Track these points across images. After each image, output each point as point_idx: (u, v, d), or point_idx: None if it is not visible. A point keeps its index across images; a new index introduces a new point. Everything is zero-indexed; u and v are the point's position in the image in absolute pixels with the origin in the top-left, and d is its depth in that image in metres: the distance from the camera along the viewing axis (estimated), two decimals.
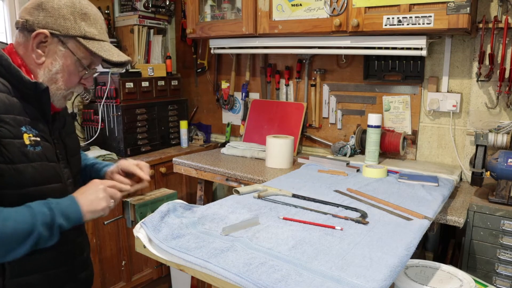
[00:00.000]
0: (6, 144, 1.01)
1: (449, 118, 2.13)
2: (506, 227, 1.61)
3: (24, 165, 1.04)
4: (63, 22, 1.08)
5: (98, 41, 1.13)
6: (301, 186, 1.69)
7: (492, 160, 1.71)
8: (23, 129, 1.05)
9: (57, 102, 1.16)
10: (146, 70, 2.72)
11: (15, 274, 1.09)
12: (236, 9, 2.50)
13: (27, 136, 1.06)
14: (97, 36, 1.13)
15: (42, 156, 1.10)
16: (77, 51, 1.11)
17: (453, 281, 1.24)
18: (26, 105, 1.08)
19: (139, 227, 1.17)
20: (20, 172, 1.04)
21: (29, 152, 1.05)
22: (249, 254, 1.05)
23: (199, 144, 3.02)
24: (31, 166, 1.06)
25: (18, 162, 1.03)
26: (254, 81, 2.85)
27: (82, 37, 1.10)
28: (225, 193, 3.07)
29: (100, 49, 1.11)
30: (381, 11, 1.87)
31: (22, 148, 1.04)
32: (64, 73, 1.12)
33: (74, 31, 1.09)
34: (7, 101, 1.03)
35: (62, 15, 1.08)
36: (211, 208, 1.38)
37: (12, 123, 1.03)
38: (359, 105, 2.42)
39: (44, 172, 1.10)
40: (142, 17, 2.87)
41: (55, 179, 1.15)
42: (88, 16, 1.11)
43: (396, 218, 1.35)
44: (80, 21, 1.10)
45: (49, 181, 1.12)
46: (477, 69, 1.95)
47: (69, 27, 1.08)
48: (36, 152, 1.08)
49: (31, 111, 1.10)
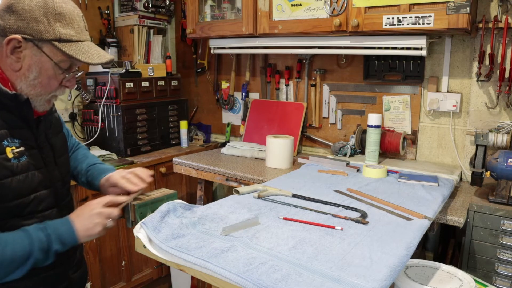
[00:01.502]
0: None
1: (449, 118, 2.13)
2: (506, 227, 1.61)
3: (9, 179, 1.02)
4: (36, 26, 1.00)
5: (76, 42, 1.04)
6: (301, 186, 1.69)
7: (492, 160, 1.71)
8: (4, 143, 1.02)
9: (39, 107, 1.11)
10: (146, 70, 2.72)
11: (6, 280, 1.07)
12: (236, 9, 2.50)
13: (10, 149, 1.03)
14: (74, 37, 1.04)
15: (28, 166, 1.07)
16: (53, 55, 1.03)
17: (453, 281, 1.24)
18: (7, 115, 1.05)
19: (139, 227, 1.17)
20: (5, 187, 1.01)
21: (13, 166, 1.03)
22: (249, 254, 1.05)
23: (199, 144, 3.02)
24: (16, 180, 1.04)
25: (2, 177, 1.01)
26: (254, 81, 2.85)
27: (58, 41, 1.02)
28: (225, 193, 3.07)
29: (78, 51, 1.04)
30: (381, 11, 1.87)
31: (4, 163, 1.02)
32: (42, 78, 1.05)
33: (48, 35, 1.01)
34: None
35: (34, 18, 0.99)
36: (211, 208, 1.38)
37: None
38: (359, 105, 2.42)
39: (30, 182, 1.08)
40: (142, 17, 2.87)
41: (43, 185, 1.12)
42: (63, 15, 1.02)
43: (396, 218, 1.35)
44: (55, 23, 1.01)
45: (36, 189, 1.10)
46: (477, 69, 1.95)
47: (42, 30, 1.00)
48: (21, 163, 1.05)
49: (12, 121, 1.06)
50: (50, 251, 1.05)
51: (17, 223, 1.06)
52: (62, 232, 1.07)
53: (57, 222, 1.09)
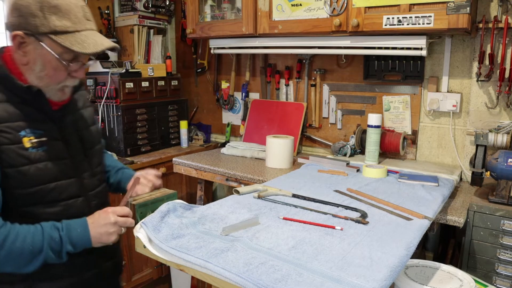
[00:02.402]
0: (4, 150, 1.06)
1: (449, 118, 2.13)
2: (506, 227, 1.61)
3: (27, 167, 1.09)
4: (33, 20, 1.03)
5: (72, 33, 1.06)
6: (301, 186, 1.69)
7: (492, 160, 1.71)
8: (21, 133, 1.09)
9: (54, 96, 1.16)
10: (146, 70, 2.72)
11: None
12: (236, 9, 2.50)
13: (27, 139, 1.09)
14: (71, 28, 1.06)
15: (48, 155, 1.13)
16: (53, 48, 1.06)
17: (453, 281, 1.24)
18: (27, 109, 1.11)
19: (139, 227, 1.17)
20: (24, 174, 1.08)
21: (31, 154, 1.09)
22: (249, 254, 1.05)
23: (199, 144, 3.02)
24: (34, 167, 1.10)
25: (19, 165, 1.08)
26: (254, 81, 2.85)
27: (53, 33, 1.04)
28: (225, 193, 3.07)
29: (73, 42, 1.05)
30: (381, 11, 1.87)
31: (22, 152, 1.08)
32: (48, 70, 1.09)
33: (44, 28, 1.04)
34: (2, 112, 1.07)
35: (31, 13, 1.03)
36: (211, 208, 1.38)
37: (8, 130, 1.07)
38: (359, 105, 2.42)
39: (51, 171, 1.13)
40: (142, 17, 2.87)
41: (66, 175, 1.18)
42: (58, 7, 1.04)
43: (396, 218, 1.35)
44: (50, 16, 1.04)
45: (57, 178, 1.15)
46: (477, 69, 1.95)
47: (38, 24, 1.04)
48: (40, 153, 1.11)
49: (33, 114, 1.12)
50: (62, 251, 1.10)
51: (40, 210, 1.13)
52: (76, 235, 1.11)
53: (74, 223, 1.13)
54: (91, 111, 1.37)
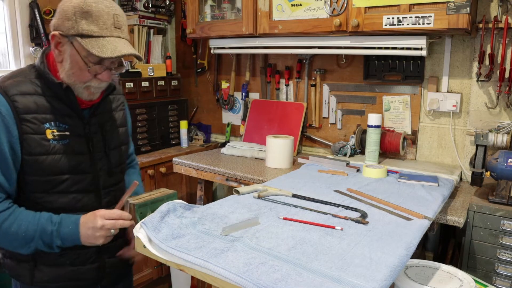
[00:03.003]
0: (27, 138, 1.16)
1: (449, 118, 2.13)
2: (506, 227, 1.61)
3: (44, 156, 1.19)
4: (67, 23, 1.14)
5: (97, 38, 1.14)
6: (301, 186, 1.69)
7: (492, 160, 1.71)
8: (46, 125, 1.19)
9: (81, 94, 1.24)
10: (146, 70, 2.72)
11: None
12: (236, 9, 2.50)
13: (50, 131, 1.20)
14: (96, 33, 1.14)
15: (67, 149, 1.22)
16: (80, 50, 1.15)
17: (453, 281, 1.24)
18: (57, 104, 1.22)
19: (139, 227, 1.17)
20: (39, 162, 1.18)
21: (50, 145, 1.20)
22: (249, 254, 1.05)
23: (199, 144, 3.02)
24: (50, 158, 1.19)
25: (37, 154, 1.18)
26: (254, 81, 2.85)
27: (80, 36, 1.13)
28: (225, 193, 3.07)
29: (94, 46, 1.13)
30: (381, 11, 1.87)
31: (42, 142, 1.18)
32: (75, 69, 1.18)
33: (73, 31, 1.14)
34: (31, 103, 1.18)
35: (67, 16, 1.14)
36: (211, 208, 1.38)
37: (34, 121, 1.18)
38: (359, 105, 2.42)
39: (65, 163, 1.22)
40: (142, 17, 2.87)
41: (81, 169, 1.26)
42: (90, 13, 1.13)
43: (396, 218, 1.35)
44: (80, 20, 1.13)
45: (72, 171, 1.24)
46: (477, 69, 1.95)
47: (69, 27, 1.14)
48: (59, 145, 1.21)
49: (62, 109, 1.23)
50: (52, 244, 1.19)
51: (51, 198, 1.22)
52: (66, 232, 1.19)
53: (69, 219, 1.21)
54: (123, 114, 1.46)
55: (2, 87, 1.17)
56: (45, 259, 1.25)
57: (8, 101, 1.15)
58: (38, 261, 1.25)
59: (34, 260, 1.25)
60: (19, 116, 1.15)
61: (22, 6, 2.47)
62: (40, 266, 1.26)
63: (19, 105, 1.16)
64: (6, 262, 1.30)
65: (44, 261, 1.25)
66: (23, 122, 1.16)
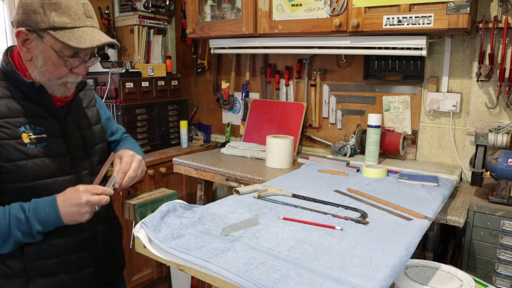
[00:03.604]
0: (3, 144, 1.09)
1: (449, 118, 2.13)
2: (506, 227, 1.61)
3: (24, 161, 1.12)
4: (34, 17, 1.07)
5: (71, 29, 1.08)
6: (301, 186, 1.69)
7: (492, 160, 1.71)
8: (21, 129, 1.12)
9: (57, 92, 1.18)
10: (146, 70, 2.72)
11: (34, 258, 1.17)
12: (236, 9, 2.50)
13: (26, 135, 1.13)
14: (69, 24, 1.08)
15: (46, 152, 1.16)
16: (53, 44, 1.09)
17: (453, 281, 1.24)
18: (30, 106, 1.15)
19: (139, 227, 1.17)
20: (20, 168, 1.11)
21: (28, 150, 1.13)
22: (249, 254, 1.05)
23: (199, 144, 3.02)
24: (31, 162, 1.13)
25: (17, 159, 1.11)
26: (254, 81, 2.85)
27: (52, 29, 1.07)
28: (225, 193, 3.07)
29: (70, 37, 1.08)
30: (381, 11, 1.87)
31: (20, 147, 1.11)
32: (48, 66, 1.12)
33: (43, 24, 1.07)
34: (2, 107, 1.11)
35: (33, 10, 1.07)
36: (211, 208, 1.38)
37: (8, 126, 1.10)
38: (359, 105, 2.42)
39: (48, 166, 1.16)
40: (142, 17, 2.87)
41: (64, 171, 1.20)
42: (58, 4, 1.07)
43: (396, 218, 1.35)
44: (50, 12, 1.07)
45: (55, 174, 1.17)
46: (477, 69, 1.95)
47: (39, 20, 1.07)
48: (38, 149, 1.14)
49: (35, 110, 1.16)
50: (32, 231, 1.10)
51: None
52: (44, 215, 1.11)
53: (43, 202, 1.12)
54: (96, 111, 1.39)
55: None
56: (38, 270, 1.18)
57: None
58: (31, 274, 1.17)
59: (27, 273, 1.17)
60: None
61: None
62: (33, 279, 1.18)
63: None
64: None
65: (37, 273, 1.18)
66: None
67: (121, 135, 1.56)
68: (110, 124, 1.51)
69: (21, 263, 1.16)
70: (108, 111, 1.53)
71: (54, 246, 1.19)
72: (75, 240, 1.23)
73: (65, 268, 1.22)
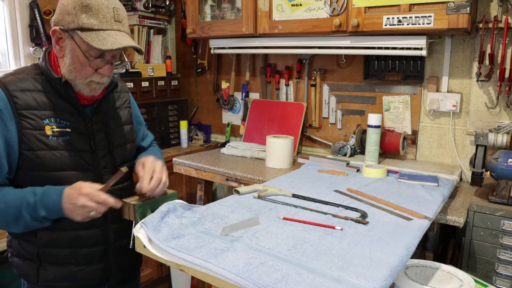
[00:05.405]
0: (26, 134, 1.17)
1: (449, 118, 2.13)
2: (506, 227, 1.61)
3: (44, 152, 1.19)
4: (67, 17, 1.14)
5: (97, 31, 1.14)
6: (301, 186, 1.69)
7: (492, 160, 1.71)
8: (45, 121, 1.19)
9: (83, 90, 1.24)
10: (146, 70, 2.72)
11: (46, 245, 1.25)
12: (236, 9, 2.50)
13: (49, 127, 1.20)
14: (96, 26, 1.14)
15: (67, 146, 1.22)
16: (81, 44, 1.15)
17: (453, 281, 1.24)
18: (58, 101, 1.22)
19: (139, 227, 1.17)
20: (40, 158, 1.18)
21: (49, 141, 1.19)
22: (249, 254, 1.05)
23: (199, 144, 3.02)
24: (50, 153, 1.19)
25: (37, 149, 1.18)
26: (254, 81, 2.85)
27: (80, 29, 1.13)
28: (225, 193, 3.07)
29: (94, 39, 1.13)
30: (381, 11, 1.87)
31: (42, 138, 1.18)
32: (76, 64, 1.19)
33: (73, 24, 1.14)
34: (31, 99, 1.18)
35: (67, 11, 1.14)
36: (211, 208, 1.38)
37: (33, 117, 1.18)
38: (359, 105, 2.42)
39: (66, 159, 1.22)
40: (142, 17, 2.87)
41: (82, 167, 1.25)
42: (89, 7, 1.13)
43: (396, 218, 1.35)
44: (80, 14, 1.13)
45: (72, 168, 1.23)
46: (477, 69, 1.95)
47: (70, 21, 1.14)
48: (59, 142, 1.21)
49: (63, 106, 1.23)
50: (38, 216, 1.16)
51: None
52: (50, 202, 1.16)
53: (53, 190, 1.17)
54: (128, 112, 1.45)
55: (3, 82, 1.18)
56: (49, 257, 1.26)
57: (8, 96, 1.15)
58: (42, 259, 1.26)
59: (39, 259, 1.25)
60: (18, 112, 1.16)
61: (22, 6, 2.47)
62: (44, 265, 1.26)
63: (19, 101, 1.16)
64: (14, 260, 1.31)
65: (48, 259, 1.26)
66: (22, 117, 1.16)
67: (150, 143, 1.62)
68: (142, 129, 1.57)
69: (35, 248, 1.25)
70: (141, 117, 1.58)
71: (65, 238, 1.25)
72: (86, 234, 1.28)
73: (74, 260, 1.28)
